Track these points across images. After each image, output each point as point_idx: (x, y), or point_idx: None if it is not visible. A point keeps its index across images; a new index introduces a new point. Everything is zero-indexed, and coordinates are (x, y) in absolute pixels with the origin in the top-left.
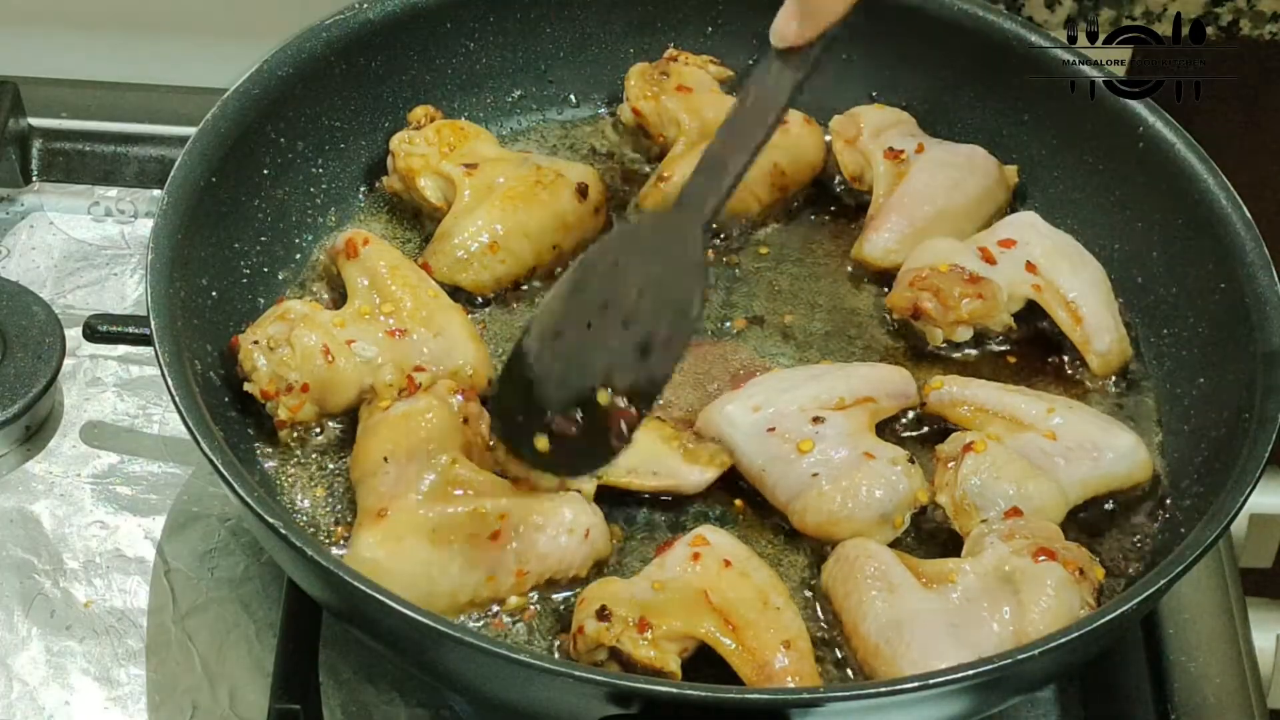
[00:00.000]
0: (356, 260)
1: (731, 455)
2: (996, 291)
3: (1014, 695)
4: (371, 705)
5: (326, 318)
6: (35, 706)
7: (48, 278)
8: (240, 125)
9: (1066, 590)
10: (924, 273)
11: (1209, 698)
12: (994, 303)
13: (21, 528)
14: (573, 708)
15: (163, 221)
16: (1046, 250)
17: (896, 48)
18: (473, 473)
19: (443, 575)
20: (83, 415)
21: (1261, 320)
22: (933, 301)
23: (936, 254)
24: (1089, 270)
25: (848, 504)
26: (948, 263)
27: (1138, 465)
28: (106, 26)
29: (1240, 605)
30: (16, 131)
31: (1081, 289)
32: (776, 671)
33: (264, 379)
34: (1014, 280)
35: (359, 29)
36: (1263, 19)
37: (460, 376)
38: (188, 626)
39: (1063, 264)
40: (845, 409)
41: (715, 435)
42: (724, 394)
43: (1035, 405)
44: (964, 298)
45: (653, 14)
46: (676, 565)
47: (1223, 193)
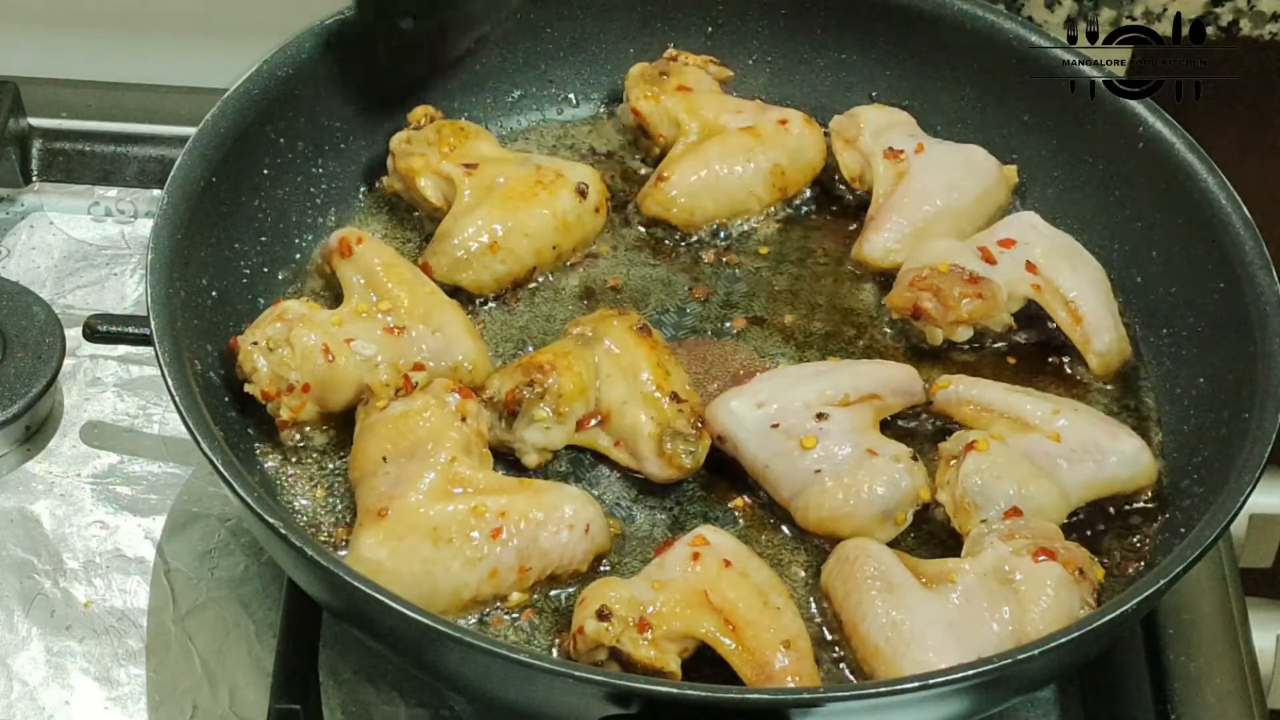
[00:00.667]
0: (351, 259)
1: (735, 451)
2: (996, 291)
3: (1014, 695)
4: (371, 705)
5: (325, 317)
6: (35, 706)
7: (48, 278)
8: (240, 125)
9: (1066, 590)
10: (924, 273)
11: (1209, 698)
12: (994, 303)
13: (21, 528)
14: (573, 708)
15: (163, 221)
16: (1046, 250)
17: (896, 48)
18: (472, 470)
19: (445, 574)
20: (83, 415)
21: (1261, 320)
22: (933, 301)
23: (936, 254)
24: (1089, 270)
25: (850, 500)
26: (948, 263)
27: (1141, 470)
28: (106, 26)
29: (1240, 605)
30: (16, 131)
31: (1081, 289)
32: (776, 671)
33: (264, 380)
34: (1014, 280)
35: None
36: (1263, 19)
37: (460, 373)
38: (188, 626)
39: (1063, 264)
40: (850, 405)
41: (720, 431)
42: (729, 390)
43: (1040, 406)
44: (964, 298)
45: (653, 14)
46: (676, 565)
47: (1223, 193)
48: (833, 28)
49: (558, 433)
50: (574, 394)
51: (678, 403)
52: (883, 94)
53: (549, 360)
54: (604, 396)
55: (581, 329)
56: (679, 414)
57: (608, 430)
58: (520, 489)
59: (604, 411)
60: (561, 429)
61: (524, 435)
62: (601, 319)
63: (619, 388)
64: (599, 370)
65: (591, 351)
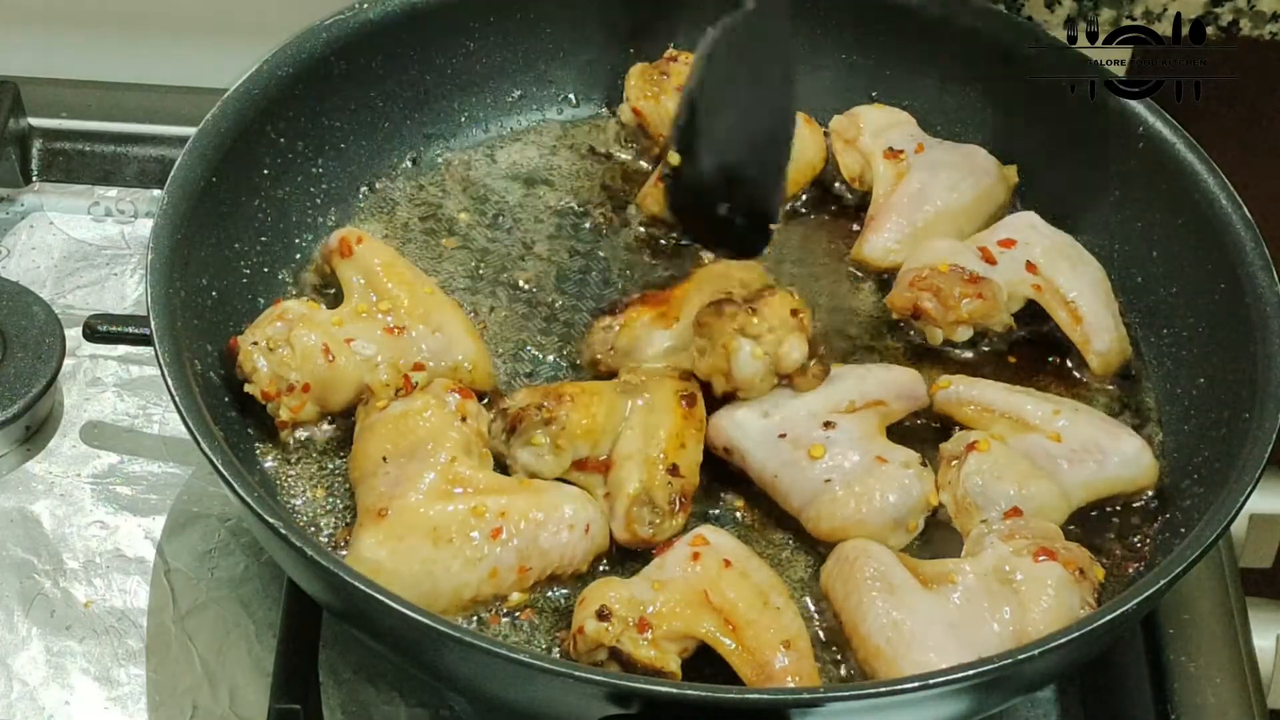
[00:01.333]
0: (351, 259)
1: (742, 462)
2: (997, 291)
3: (1014, 695)
4: (371, 705)
5: (325, 316)
6: (35, 706)
7: (48, 278)
8: (240, 125)
9: (1066, 590)
10: (924, 273)
11: (1209, 698)
12: (994, 303)
13: (21, 528)
14: (573, 708)
15: (163, 221)
16: (1046, 250)
17: (897, 48)
18: (472, 470)
19: (445, 574)
20: (83, 415)
21: (1261, 320)
22: (933, 301)
23: (936, 254)
24: (1089, 270)
25: (862, 509)
26: (948, 263)
27: (1142, 470)
28: (106, 26)
29: (1240, 605)
30: (16, 131)
31: (1081, 289)
32: (776, 671)
33: (264, 380)
34: (1014, 280)
35: (359, 29)
36: (1263, 19)
37: (460, 373)
38: (188, 626)
39: (1062, 264)
40: (856, 412)
41: (725, 443)
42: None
43: (1041, 407)
44: (964, 298)
45: (653, 14)
46: (676, 565)
47: (1223, 193)
48: (833, 28)
49: (550, 463)
50: (581, 434)
51: (671, 475)
52: (883, 94)
53: (572, 392)
54: (619, 447)
55: (632, 377)
56: (666, 486)
57: (607, 479)
58: (520, 489)
59: (611, 461)
60: (555, 460)
61: (517, 454)
62: (657, 374)
63: (634, 443)
64: (627, 421)
65: (627, 400)
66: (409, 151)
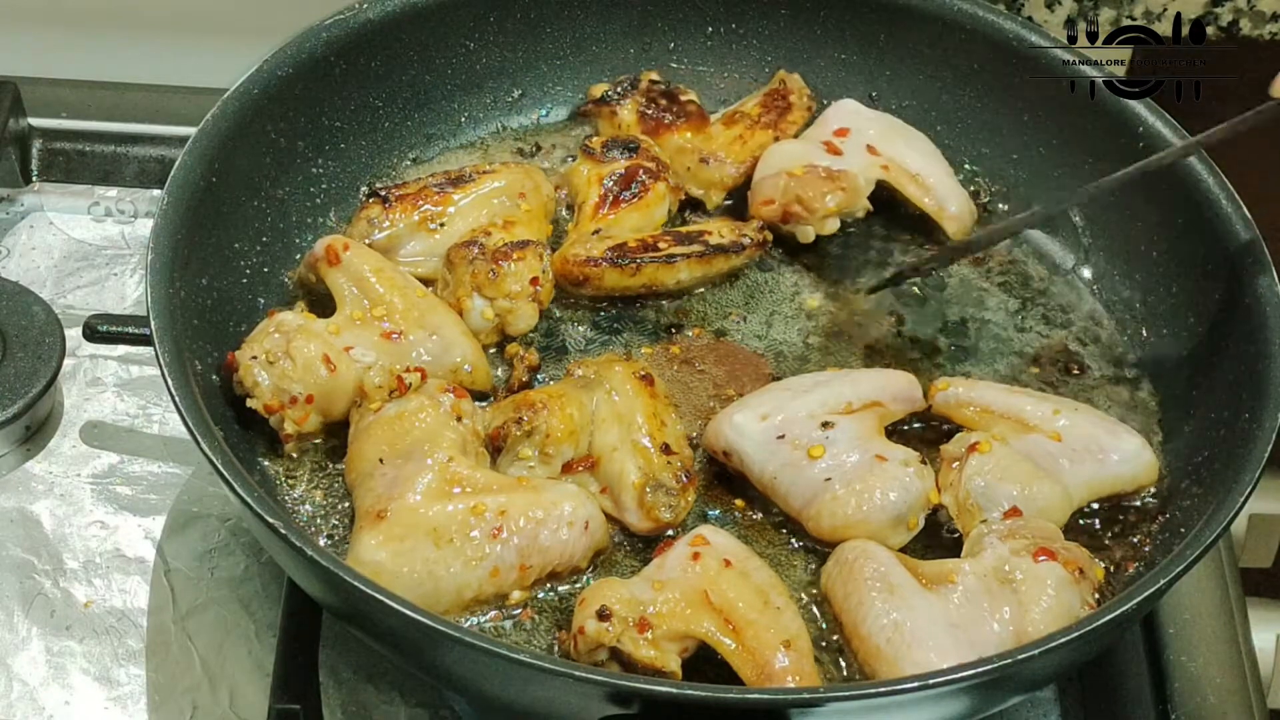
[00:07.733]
0: (340, 266)
1: (742, 464)
2: (854, 180)
3: (1014, 695)
4: (371, 705)
5: (321, 326)
6: (35, 706)
7: (48, 278)
8: (240, 125)
9: (1066, 590)
10: (781, 179)
11: (1209, 698)
12: (855, 192)
13: (21, 528)
14: (573, 708)
15: (163, 221)
16: (881, 131)
17: (896, 47)
18: (470, 469)
19: (446, 574)
20: (83, 415)
21: (1261, 320)
22: (799, 205)
23: (786, 158)
24: (920, 143)
25: (862, 508)
26: (801, 165)
27: (1143, 468)
28: (106, 26)
29: (1240, 605)
30: (16, 131)
31: (922, 162)
32: (776, 671)
33: (266, 394)
34: (864, 165)
35: (359, 29)
36: (1263, 19)
37: (460, 374)
38: (188, 626)
39: (898, 141)
40: (854, 413)
41: (724, 446)
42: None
43: (1041, 407)
44: (827, 193)
45: (653, 14)
46: (676, 565)
47: (1223, 193)
48: (832, 27)
49: (542, 472)
50: (563, 436)
51: (668, 455)
52: (883, 94)
53: (541, 399)
54: (596, 442)
55: (584, 371)
56: (667, 466)
57: (595, 476)
58: (518, 487)
59: (594, 457)
60: (546, 470)
61: (508, 472)
62: (605, 363)
63: (612, 434)
64: (595, 415)
65: (590, 395)
66: (409, 151)
